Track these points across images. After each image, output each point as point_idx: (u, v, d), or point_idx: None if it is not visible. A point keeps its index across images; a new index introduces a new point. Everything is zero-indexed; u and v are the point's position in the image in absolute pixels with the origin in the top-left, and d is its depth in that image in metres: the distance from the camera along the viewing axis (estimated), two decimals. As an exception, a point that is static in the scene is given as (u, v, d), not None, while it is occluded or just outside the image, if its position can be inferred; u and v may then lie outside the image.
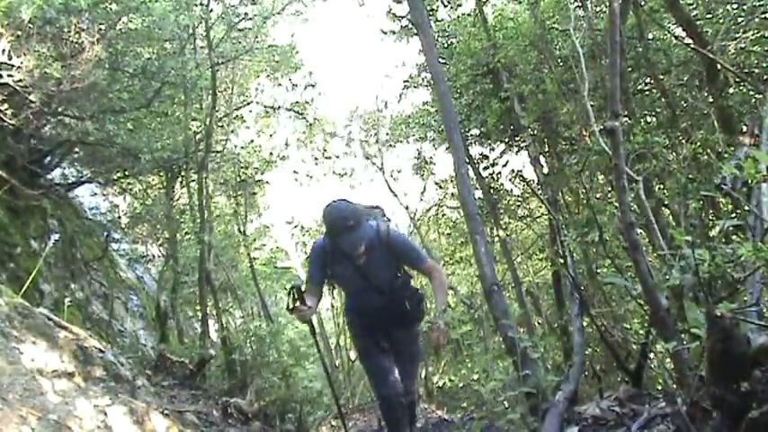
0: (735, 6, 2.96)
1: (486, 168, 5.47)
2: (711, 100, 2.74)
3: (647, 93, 3.50)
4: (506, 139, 4.23)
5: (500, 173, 4.76)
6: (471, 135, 4.57)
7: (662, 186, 2.60)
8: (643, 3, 3.09)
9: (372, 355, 3.26)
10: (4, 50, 3.14)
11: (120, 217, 5.95)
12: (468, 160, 2.70)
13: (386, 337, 3.28)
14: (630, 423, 1.84)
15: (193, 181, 5.29)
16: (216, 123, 5.46)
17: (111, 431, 2.09)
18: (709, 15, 3.01)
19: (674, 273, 1.59)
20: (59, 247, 4.64)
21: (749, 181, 1.47)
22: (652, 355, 2.27)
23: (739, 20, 2.88)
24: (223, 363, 4.65)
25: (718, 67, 2.63)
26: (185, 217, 5.50)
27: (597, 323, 2.32)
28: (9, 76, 3.18)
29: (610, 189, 3.01)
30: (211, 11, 5.12)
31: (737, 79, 2.82)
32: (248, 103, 7.13)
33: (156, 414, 2.37)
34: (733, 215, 2.15)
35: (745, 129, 2.56)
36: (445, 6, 4.97)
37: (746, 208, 1.66)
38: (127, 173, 5.32)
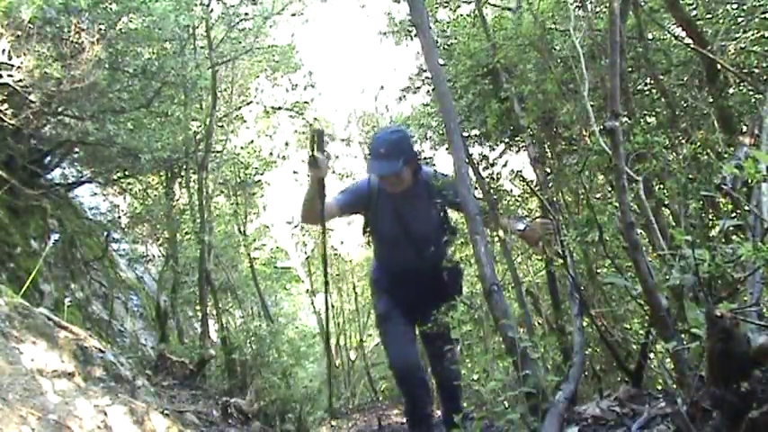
0: (735, 6, 2.96)
1: (485, 169, 5.46)
2: (711, 100, 2.74)
3: (647, 93, 3.49)
4: (506, 140, 4.23)
5: (500, 173, 4.76)
6: (471, 135, 4.57)
7: (662, 186, 2.60)
8: (643, 3, 3.09)
9: (390, 320, 3.04)
10: (4, 50, 3.15)
11: (120, 217, 5.95)
12: (468, 161, 2.70)
13: (413, 311, 3.02)
14: (630, 423, 1.84)
15: (193, 181, 5.29)
16: (216, 123, 5.46)
17: (111, 431, 2.09)
18: (710, 15, 3.01)
19: (674, 273, 1.59)
20: (59, 247, 4.64)
21: (749, 181, 1.47)
22: (652, 355, 2.27)
23: (739, 20, 2.88)
24: (223, 363, 4.65)
25: (719, 67, 2.63)
26: (185, 217, 5.50)
27: (597, 323, 2.32)
28: (9, 76, 3.18)
29: (610, 189, 3.01)
30: (211, 11, 5.13)
31: (737, 79, 2.82)
32: (248, 103, 7.13)
33: (156, 414, 2.38)
34: (733, 215, 2.15)
35: (745, 129, 2.56)
36: (444, 7, 4.97)
37: (746, 208, 1.65)
38: (127, 173, 5.33)
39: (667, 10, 2.88)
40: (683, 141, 2.72)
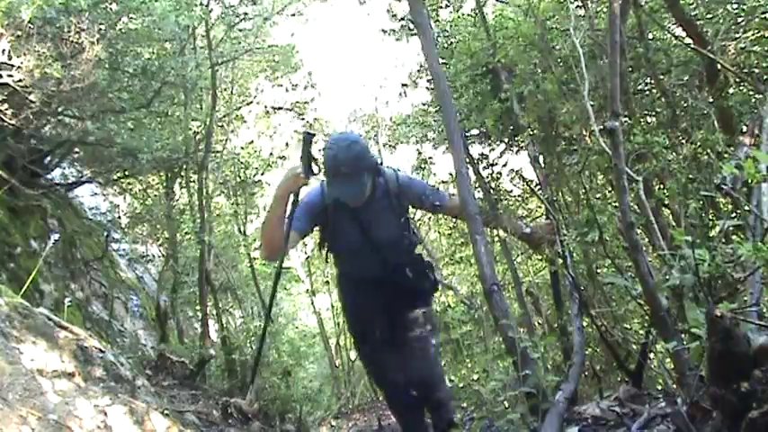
0: (735, 6, 2.96)
1: (485, 168, 5.48)
2: (711, 100, 2.74)
3: (647, 93, 3.50)
4: (506, 139, 4.23)
5: (500, 173, 4.77)
6: (471, 135, 4.57)
7: (662, 186, 2.60)
8: (643, 3, 3.09)
9: (370, 347, 2.85)
10: (4, 50, 3.15)
11: (120, 217, 5.95)
12: (468, 160, 2.69)
13: (386, 324, 2.88)
14: (630, 423, 1.84)
15: (193, 181, 5.29)
16: (216, 123, 5.47)
17: (111, 431, 2.08)
18: (710, 15, 3.01)
19: (674, 273, 1.59)
20: (59, 247, 4.64)
21: (749, 181, 1.47)
22: (652, 355, 2.27)
23: (739, 20, 2.89)
24: (223, 363, 4.65)
25: (719, 67, 2.63)
26: (185, 217, 5.50)
27: (597, 323, 2.32)
28: (9, 76, 3.18)
29: (610, 189, 3.01)
30: (211, 11, 5.13)
31: (737, 79, 2.82)
32: (248, 103, 7.13)
33: (156, 414, 2.37)
34: (733, 215, 2.16)
35: (745, 129, 2.56)
36: (445, 8, 4.97)
37: (746, 208, 1.66)
38: (127, 173, 5.32)
39: (668, 10, 2.89)
40: (683, 141, 2.73)
